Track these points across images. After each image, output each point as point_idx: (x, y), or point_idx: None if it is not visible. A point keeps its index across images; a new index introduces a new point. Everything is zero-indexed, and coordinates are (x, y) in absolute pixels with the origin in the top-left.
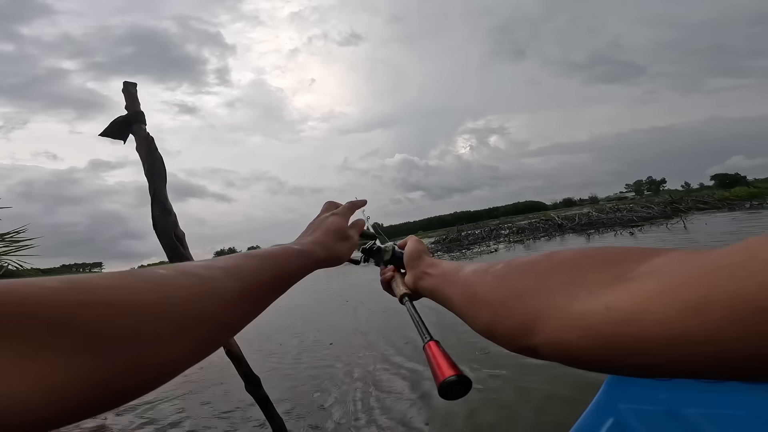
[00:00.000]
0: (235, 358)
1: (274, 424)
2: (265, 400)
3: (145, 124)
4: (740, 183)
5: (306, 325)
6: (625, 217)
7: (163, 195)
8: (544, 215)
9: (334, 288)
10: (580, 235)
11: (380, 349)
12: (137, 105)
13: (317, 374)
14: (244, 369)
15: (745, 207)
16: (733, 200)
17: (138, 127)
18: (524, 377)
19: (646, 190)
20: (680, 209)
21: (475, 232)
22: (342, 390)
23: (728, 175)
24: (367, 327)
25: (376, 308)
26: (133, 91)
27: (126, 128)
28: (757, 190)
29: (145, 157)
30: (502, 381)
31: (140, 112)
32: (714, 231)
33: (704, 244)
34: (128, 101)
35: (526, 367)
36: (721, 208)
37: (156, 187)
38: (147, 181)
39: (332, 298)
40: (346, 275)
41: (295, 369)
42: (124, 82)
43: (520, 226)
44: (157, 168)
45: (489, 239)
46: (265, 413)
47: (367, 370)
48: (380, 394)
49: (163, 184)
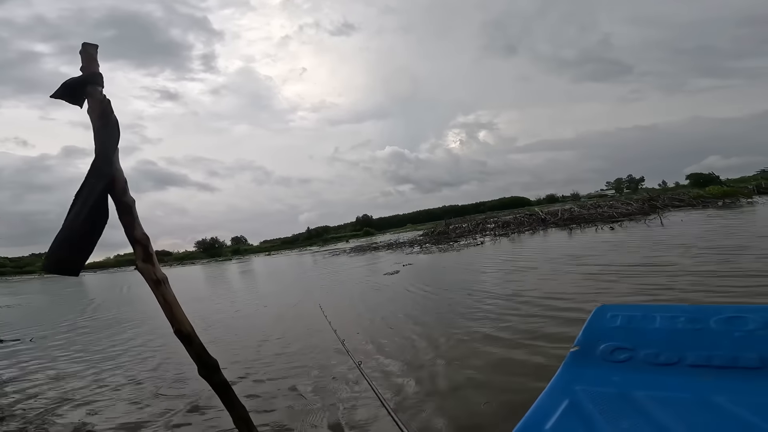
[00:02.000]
0: (186, 338)
1: (235, 412)
2: (224, 386)
3: (101, 87)
4: (714, 182)
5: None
6: (605, 213)
7: (107, 160)
8: (529, 210)
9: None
10: (563, 229)
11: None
12: (95, 67)
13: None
14: (197, 351)
15: (717, 205)
16: (707, 198)
17: (93, 89)
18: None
19: (625, 188)
20: (657, 206)
21: (463, 225)
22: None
23: (702, 174)
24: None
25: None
26: (93, 52)
27: (81, 90)
28: (730, 189)
29: (97, 120)
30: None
31: (98, 73)
32: (689, 227)
33: (682, 238)
34: (85, 62)
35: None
36: (695, 206)
37: (100, 150)
38: (94, 145)
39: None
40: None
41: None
42: (83, 43)
43: (506, 220)
44: (109, 130)
45: (475, 233)
46: (223, 401)
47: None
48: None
49: (112, 148)
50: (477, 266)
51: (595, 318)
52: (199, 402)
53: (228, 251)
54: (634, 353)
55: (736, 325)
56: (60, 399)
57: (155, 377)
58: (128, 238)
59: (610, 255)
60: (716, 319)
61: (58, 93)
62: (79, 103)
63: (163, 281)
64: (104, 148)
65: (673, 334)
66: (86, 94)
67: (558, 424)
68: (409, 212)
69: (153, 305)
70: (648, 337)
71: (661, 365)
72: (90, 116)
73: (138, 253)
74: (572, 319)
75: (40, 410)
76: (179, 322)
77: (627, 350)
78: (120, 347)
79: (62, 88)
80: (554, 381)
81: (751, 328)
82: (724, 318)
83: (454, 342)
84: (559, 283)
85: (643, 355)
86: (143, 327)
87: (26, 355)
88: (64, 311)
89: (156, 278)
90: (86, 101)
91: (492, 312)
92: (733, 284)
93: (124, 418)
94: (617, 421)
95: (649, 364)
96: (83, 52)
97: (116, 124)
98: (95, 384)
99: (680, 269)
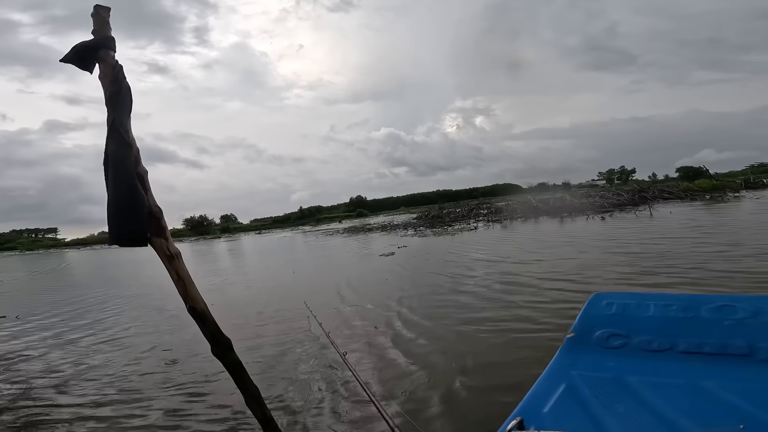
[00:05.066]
0: (200, 316)
1: (247, 393)
2: (237, 366)
3: (114, 51)
4: (703, 176)
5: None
6: (596, 203)
7: (125, 128)
8: (521, 197)
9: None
10: (554, 218)
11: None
12: (108, 30)
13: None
14: (211, 329)
15: (705, 198)
16: (695, 191)
17: (105, 53)
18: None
19: (616, 179)
20: (647, 198)
21: (456, 210)
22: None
23: (692, 167)
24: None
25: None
26: (105, 15)
27: (92, 54)
28: (718, 183)
29: (109, 86)
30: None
31: (110, 37)
32: (677, 218)
33: (671, 230)
34: (97, 25)
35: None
36: (683, 198)
37: (116, 117)
38: (107, 111)
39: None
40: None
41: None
42: (95, 6)
43: (498, 206)
44: (122, 97)
45: (469, 218)
46: (236, 381)
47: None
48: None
49: (126, 115)
50: (470, 252)
51: (590, 305)
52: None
53: (217, 229)
54: (628, 340)
55: (725, 314)
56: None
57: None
58: None
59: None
60: (707, 308)
61: (68, 57)
62: (89, 68)
63: (176, 256)
64: (120, 114)
65: (666, 322)
66: (98, 59)
67: (555, 407)
68: (403, 195)
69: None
70: (642, 325)
71: (654, 351)
72: (102, 82)
73: (151, 227)
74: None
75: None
76: (193, 299)
77: (621, 337)
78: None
79: (73, 52)
80: (551, 366)
81: (740, 317)
82: (715, 307)
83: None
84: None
85: (636, 341)
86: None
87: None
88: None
89: (169, 253)
90: (97, 66)
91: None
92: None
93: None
94: (612, 405)
95: (643, 350)
96: (95, 15)
97: (129, 90)
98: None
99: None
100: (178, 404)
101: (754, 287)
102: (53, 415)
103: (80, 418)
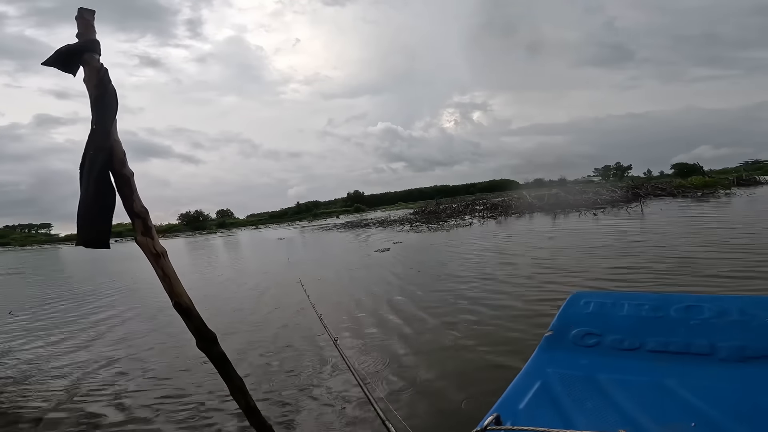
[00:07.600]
0: (185, 311)
1: (232, 383)
2: (222, 359)
3: (99, 54)
4: (697, 172)
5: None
6: (590, 200)
7: (106, 132)
8: (517, 194)
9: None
10: (548, 214)
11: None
12: (92, 33)
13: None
14: (196, 324)
15: (696, 195)
16: (688, 188)
17: (90, 56)
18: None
19: (612, 175)
20: (640, 194)
21: (453, 206)
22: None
23: (687, 164)
24: None
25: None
26: (90, 18)
27: (76, 58)
28: (711, 180)
29: (94, 90)
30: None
31: (95, 40)
32: (667, 215)
33: (658, 227)
34: (81, 28)
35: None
36: (675, 195)
37: (98, 122)
38: (90, 113)
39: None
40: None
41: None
42: (79, 8)
43: (494, 202)
44: (107, 101)
45: (465, 213)
46: (221, 373)
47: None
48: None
49: (109, 119)
50: (464, 247)
51: (569, 304)
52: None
53: (213, 225)
54: (602, 339)
55: (692, 314)
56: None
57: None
58: (127, 211)
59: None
60: (676, 308)
61: (51, 60)
62: (72, 71)
63: (162, 254)
64: (102, 119)
65: (637, 321)
66: (82, 62)
67: (530, 404)
68: (401, 190)
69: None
70: (615, 324)
71: (624, 350)
72: (86, 85)
73: (137, 227)
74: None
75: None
76: (178, 295)
77: (596, 335)
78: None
79: (56, 55)
80: (529, 364)
81: (705, 317)
82: (683, 307)
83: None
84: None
85: (609, 340)
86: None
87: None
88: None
89: (155, 251)
90: (81, 69)
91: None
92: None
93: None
94: (582, 402)
95: (614, 349)
96: (79, 18)
97: (114, 93)
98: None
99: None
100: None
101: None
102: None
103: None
